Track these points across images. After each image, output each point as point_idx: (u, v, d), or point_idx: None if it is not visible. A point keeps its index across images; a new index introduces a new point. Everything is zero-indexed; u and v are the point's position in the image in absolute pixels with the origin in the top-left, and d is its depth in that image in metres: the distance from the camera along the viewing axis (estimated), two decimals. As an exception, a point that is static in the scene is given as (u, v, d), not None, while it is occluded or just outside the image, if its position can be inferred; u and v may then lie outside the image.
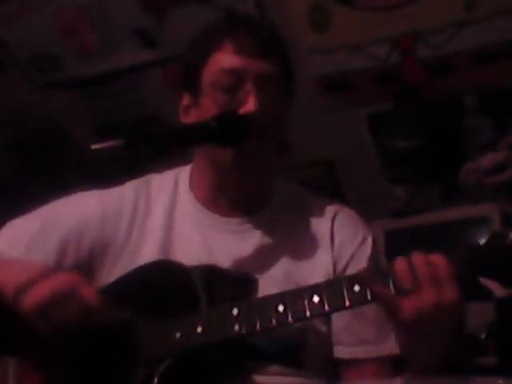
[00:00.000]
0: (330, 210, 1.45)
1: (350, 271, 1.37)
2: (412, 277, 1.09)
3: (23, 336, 1.21)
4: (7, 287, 1.20)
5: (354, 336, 1.35)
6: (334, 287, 1.15)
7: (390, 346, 1.33)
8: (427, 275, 1.09)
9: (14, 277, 1.21)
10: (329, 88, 2.59)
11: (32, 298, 1.16)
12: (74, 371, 1.24)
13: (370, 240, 1.42)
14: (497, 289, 1.10)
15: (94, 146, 1.16)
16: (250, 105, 1.29)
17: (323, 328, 1.36)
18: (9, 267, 1.27)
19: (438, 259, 1.11)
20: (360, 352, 1.35)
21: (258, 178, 1.42)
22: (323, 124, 2.62)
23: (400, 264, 1.11)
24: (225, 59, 1.32)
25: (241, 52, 1.32)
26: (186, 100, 1.41)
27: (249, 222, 1.41)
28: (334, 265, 1.38)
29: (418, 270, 1.10)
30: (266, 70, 1.32)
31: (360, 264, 1.38)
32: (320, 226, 1.43)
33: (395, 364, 1.33)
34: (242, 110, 1.29)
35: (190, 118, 1.40)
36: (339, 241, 1.41)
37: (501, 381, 1.16)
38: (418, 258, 1.11)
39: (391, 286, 1.11)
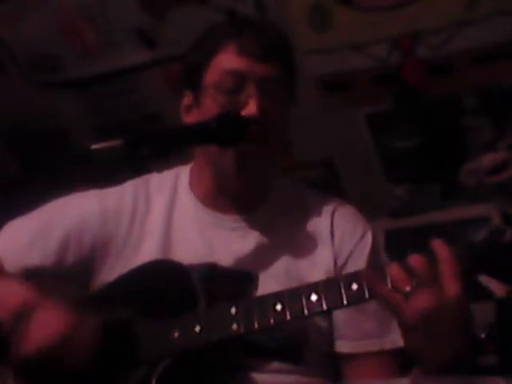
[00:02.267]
0: (330, 205, 1.45)
1: (349, 266, 1.38)
2: (409, 280, 1.08)
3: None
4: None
5: (356, 330, 1.35)
6: (331, 286, 1.15)
7: (392, 340, 1.33)
8: (426, 277, 1.07)
9: (7, 301, 1.21)
10: (329, 88, 2.59)
11: (30, 348, 1.16)
12: (73, 371, 1.24)
13: (369, 235, 1.42)
14: (497, 288, 1.10)
15: (93, 146, 1.16)
16: (251, 108, 1.29)
17: (324, 323, 1.36)
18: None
19: (443, 253, 1.08)
20: (362, 346, 1.35)
21: (259, 178, 1.42)
22: (323, 124, 2.61)
23: (393, 269, 1.09)
24: (228, 61, 1.32)
25: (244, 54, 1.31)
26: (187, 99, 1.41)
27: (249, 219, 1.41)
28: (335, 260, 1.38)
29: (415, 272, 1.08)
30: (268, 74, 1.32)
31: (360, 259, 1.38)
32: (320, 221, 1.43)
33: (398, 357, 1.33)
34: (244, 113, 1.28)
35: (191, 117, 1.40)
36: (339, 236, 1.41)
37: (501, 381, 1.15)
38: (415, 259, 1.09)
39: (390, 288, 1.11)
